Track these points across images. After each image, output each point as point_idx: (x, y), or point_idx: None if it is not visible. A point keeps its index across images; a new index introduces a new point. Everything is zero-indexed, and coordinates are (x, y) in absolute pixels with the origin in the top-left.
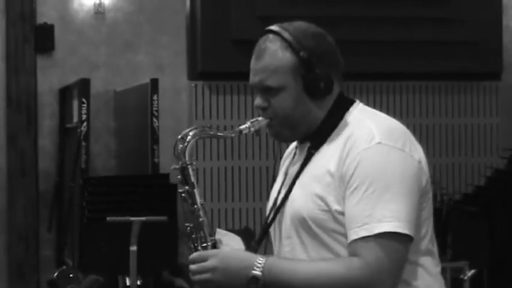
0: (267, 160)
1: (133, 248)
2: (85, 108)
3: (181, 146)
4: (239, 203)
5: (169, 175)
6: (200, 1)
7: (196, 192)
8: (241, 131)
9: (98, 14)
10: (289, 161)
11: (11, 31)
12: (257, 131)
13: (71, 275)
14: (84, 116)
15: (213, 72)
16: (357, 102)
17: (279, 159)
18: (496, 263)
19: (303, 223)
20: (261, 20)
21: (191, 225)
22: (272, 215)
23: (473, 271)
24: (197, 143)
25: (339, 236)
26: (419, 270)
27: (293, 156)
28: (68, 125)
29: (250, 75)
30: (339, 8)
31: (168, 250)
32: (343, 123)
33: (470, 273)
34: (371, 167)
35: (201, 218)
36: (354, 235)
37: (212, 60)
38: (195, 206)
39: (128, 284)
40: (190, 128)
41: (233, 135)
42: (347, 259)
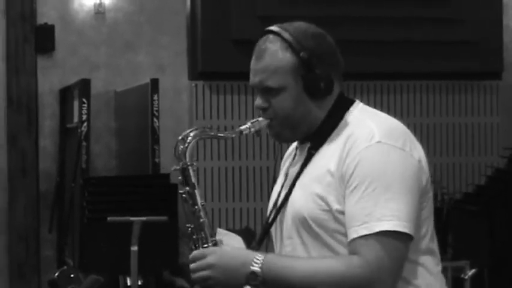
0: (268, 160)
1: (134, 248)
2: (85, 108)
3: (181, 147)
4: (240, 203)
5: (169, 175)
6: (200, 1)
7: (197, 193)
8: (241, 132)
9: (98, 14)
10: (289, 162)
11: (12, 31)
12: (257, 132)
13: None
14: (84, 116)
15: (214, 72)
16: (357, 102)
17: (280, 159)
18: (497, 262)
19: (304, 223)
20: (261, 20)
21: (192, 226)
22: (273, 216)
23: (473, 270)
24: (198, 144)
25: (340, 236)
26: (419, 269)
27: (293, 156)
28: (69, 125)
29: (250, 75)
30: (339, 8)
31: (169, 250)
32: (343, 123)
33: (471, 272)
34: (371, 166)
35: (202, 219)
36: (354, 234)
37: (212, 60)
38: (196, 207)
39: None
40: (190, 129)
41: (233, 135)
42: (347, 257)
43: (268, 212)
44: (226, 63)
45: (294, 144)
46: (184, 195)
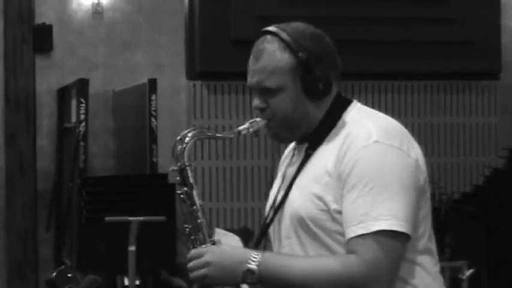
0: (266, 160)
1: (131, 248)
2: (83, 108)
3: (179, 147)
4: (238, 203)
5: (167, 175)
6: (198, 1)
7: (195, 193)
8: (239, 132)
9: (96, 14)
10: (287, 162)
11: (10, 31)
12: (256, 132)
13: (70, 275)
14: (82, 116)
15: (212, 72)
16: (355, 102)
17: (278, 158)
18: (495, 263)
19: (302, 223)
20: (260, 20)
21: (190, 226)
22: (271, 216)
23: (471, 270)
24: (195, 143)
25: (338, 236)
26: (417, 268)
27: (291, 157)
28: (67, 125)
29: (248, 76)
30: (339, 8)
31: (167, 250)
32: (340, 123)
33: (468, 272)
34: (368, 166)
35: (200, 219)
36: (351, 233)
37: (211, 60)
38: (194, 207)
39: (127, 284)
40: (189, 129)
41: (232, 136)
42: (344, 256)
43: (266, 213)
44: (224, 63)
45: (292, 144)
46: (182, 195)
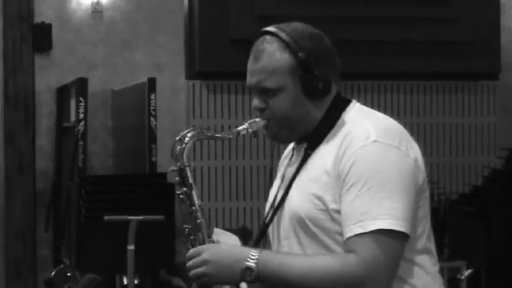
0: (264, 159)
1: (130, 247)
2: (82, 107)
3: (179, 148)
4: (236, 203)
5: (166, 174)
6: (198, 0)
7: (194, 193)
8: (238, 132)
9: (96, 13)
10: (287, 162)
11: (9, 30)
12: (255, 132)
13: (69, 274)
14: (81, 115)
15: (211, 71)
16: (354, 102)
17: (277, 158)
18: (493, 263)
19: (301, 223)
20: (259, 20)
21: (189, 226)
22: (270, 216)
23: (470, 271)
24: (195, 143)
25: (337, 236)
26: (416, 268)
27: (290, 157)
28: (66, 124)
29: (247, 76)
30: (338, 8)
31: (166, 249)
32: (340, 123)
33: (467, 273)
34: (367, 165)
35: (199, 220)
36: (350, 232)
37: (210, 59)
38: (193, 208)
39: (125, 283)
40: (188, 129)
41: (231, 136)
42: (343, 255)
43: (265, 213)
44: (223, 62)
45: (292, 144)
46: (181, 196)
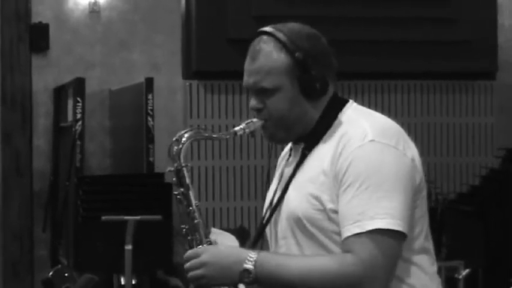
0: (262, 159)
1: (128, 247)
2: (80, 107)
3: (176, 148)
4: (234, 202)
5: (164, 174)
6: (195, 0)
7: (191, 194)
8: (235, 133)
9: (93, 13)
10: (284, 162)
11: (6, 30)
12: (252, 133)
13: (66, 274)
14: (79, 115)
15: (208, 71)
16: (351, 101)
17: (274, 158)
18: (491, 263)
19: (298, 223)
20: (256, 20)
21: (187, 227)
22: (267, 216)
23: (468, 270)
24: (192, 143)
25: (335, 236)
26: (414, 268)
27: (288, 157)
28: (63, 124)
29: (244, 76)
30: (335, 8)
31: (163, 249)
32: (336, 122)
33: (465, 272)
34: (364, 165)
35: (197, 220)
36: (347, 232)
37: (207, 59)
38: (190, 208)
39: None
40: (185, 130)
41: (228, 136)
42: (341, 255)
43: (263, 213)
44: (220, 62)
45: (289, 145)
46: (178, 196)
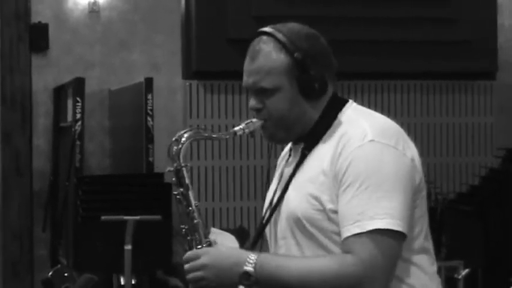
0: (261, 159)
1: (127, 247)
2: (79, 107)
3: (175, 148)
4: (233, 202)
5: (163, 174)
6: (195, 0)
7: (190, 194)
8: (235, 133)
9: (93, 13)
10: (284, 163)
11: (6, 30)
12: (251, 133)
13: (66, 274)
14: (78, 115)
15: (208, 71)
16: (350, 101)
17: (274, 158)
18: (491, 262)
19: (298, 223)
20: (256, 20)
21: (186, 227)
22: (267, 216)
23: (467, 270)
24: (191, 143)
25: (334, 236)
26: (413, 268)
27: (288, 157)
28: (63, 124)
29: (244, 76)
30: (335, 8)
31: (163, 249)
32: (336, 122)
33: (464, 272)
34: (364, 165)
35: (196, 220)
36: (347, 232)
37: (207, 59)
38: (190, 208)
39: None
40: (185, 130)
41: (227, 137)
42: (340, 256)
43: (263, 213)
44: (220, 62)
45: (289, 145)
46: (178, 196)
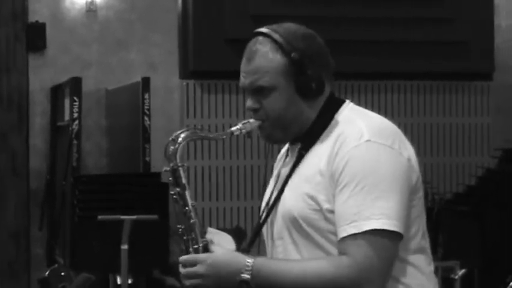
0: (258, 159)
1: (124, 247)
2: (77, 106)
3: (172, 148)
4: (230, 202)
5: (160, 174)
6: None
7: (187, 194)
8: (232, 133)
9: (90, 12)
10: (281, 163)
11: (3, 29)
12: (248, 133)
13: (63, 274)
14: (75, 115)
15: (205, 71)
16: (347, 102)
17: (271, 158)
18: (487, 263)
19: (295, 223)
20: (254, 19)
21: (183, 226)
22: (264, 216)
23: (464, 270)
24: (188, 143)
25: (331, 235)
26: (409, 268)
27: (285, 157)
28: (60, 124)
29: (240, 77)
30: (333, 8)
31: (159, 249)
32: (333, 123)
33: (461, 272)
34: (360, 165)
35: (193, 220)
36: (343, 232)
37: (204, 59)
38: (187, 208)
39: (119, 283)
40: (181, 130)
41: (224, 137)
42: (336, 258)
43: (260, 213)
44: (217, 62)
45: (286, 146)
46: (174, 196)
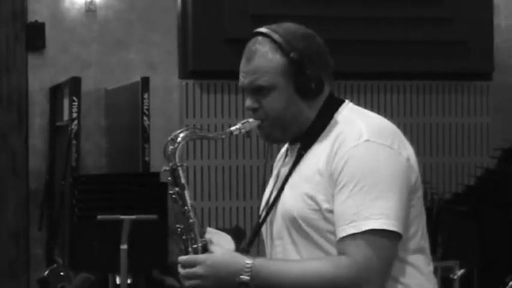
0: (258, 159)
1: (123, 247)
2: (76, 106)
3: (171, 148)
4: (229, 202)
5: (160, 174)
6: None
7: (186, 193)
8: (231, 133)
9: (89, 12)
10: (281, 162)
11: (2, 29)
12: (248, 133)
13: (62, 273)
14: (75, 114)
15: (204, 71)
16: (347, 101)
17: (270, 158)
18: (486, 263)
19: (294, 223)
20: (253, 19)
21: (182, 226)
22: (263, 216)
23: (463, 270)
24: (187, 143)
25: (330, 235)
26: (408, 268)
27: (284, 157)
28: (59, 123)
29: (240, 77)
30: (332, 8)
31: (159, 249)
32: (332, 122)
33: (460, 272)
34: (359, 165)
35: (192, 220)
36: (342, 232)
37: (203, 58)
38: (186, 208)
39: (118, 283)
40: (181, 129)
41: (223, 136)
42: (335, 258)
43: (259, 213)
44: (217, 61)
45: (286, 146)
46: (174, 195)
